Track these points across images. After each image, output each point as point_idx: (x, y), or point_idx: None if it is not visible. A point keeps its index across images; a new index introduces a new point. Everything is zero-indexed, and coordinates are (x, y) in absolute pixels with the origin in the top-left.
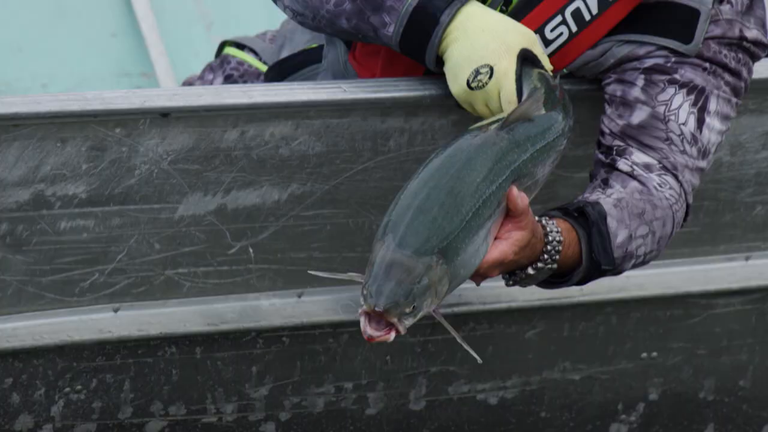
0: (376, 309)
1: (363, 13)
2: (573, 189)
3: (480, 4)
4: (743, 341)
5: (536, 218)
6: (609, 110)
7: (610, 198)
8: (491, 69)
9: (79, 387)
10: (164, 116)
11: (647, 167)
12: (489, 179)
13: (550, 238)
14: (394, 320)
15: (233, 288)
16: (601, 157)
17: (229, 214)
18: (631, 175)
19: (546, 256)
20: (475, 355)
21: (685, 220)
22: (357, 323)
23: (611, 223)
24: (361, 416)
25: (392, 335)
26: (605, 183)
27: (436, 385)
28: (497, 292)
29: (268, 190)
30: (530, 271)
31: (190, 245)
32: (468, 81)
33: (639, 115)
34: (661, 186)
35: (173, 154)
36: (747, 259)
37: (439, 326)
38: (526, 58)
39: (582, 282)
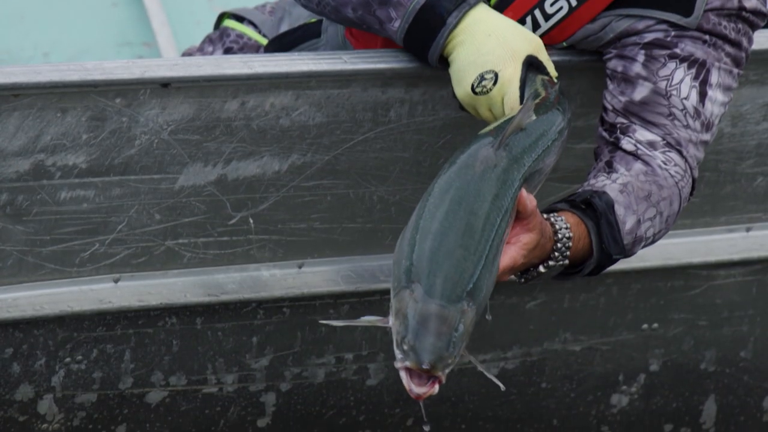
0: (423, 367)
1: (369, 6)
2: (575, 160)
3: (487, 7)
4: (744, 312)
5: (544, 215)
6: (611, 86)
7: (615, 183)
8: (496, 75)
9: (79, 357)
10: (164, 86)
11: (651, 145)
12: (498, 206)
13: (560, 236)
14: (439, 373)
15: (233, 258)
16: (605, 135)
17: (230, 184)
18: (635, 155)
19: (557, 254)
20: (499, 384)
21: (691, 194)
22: (357, 294)
23: (619, 210)
24: (362, 387)
25: (437, 387)
26: (609, 166)
27: None
28: None
29: (269, 161)
30: (542, 269)
31: (190, 216)
32: (473, 86)
33: (641, 92)
34: (665, 163)
35: (173, 125)
36: (748, 230)
37: None
38: (531, 64)
39: (595, 272)
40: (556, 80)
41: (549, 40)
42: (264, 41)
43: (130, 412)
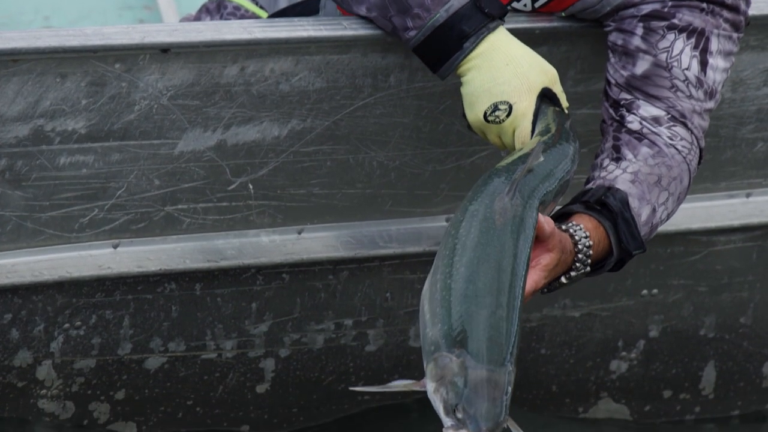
0: None
1: (386, 10)
2: (576, 126)
3: (506, 33)
4: (744, 278)
5: (562, 227)
6: (613, 59)
7: (626, 173)
8: (510, 107)
9: (78, 323)
10: (164, 52)
11: (656, 120)
12: (521, 257)
13: (580, 246)
14: None
15: (233, 224)
16: (611, 111)
17: (229, 150)
18: (641, 134)
19: (578, 264)
20: None
21: (699, 163)
22: (357, 259)
23: (633, 203)
24: (361, 353)
25: None
26: (617, 151)
27: None
28: None
29: (268, 126)
30: (564, 280)
31: (189, 181)
32: (485, 113)
33: (642, 65)
34: (672, 139)
35: (173, 90)
36: (748, 196)
37: None
38: (545, 96)
39: (616, 269)
40: (567, 111)
41: (548, 9)
42: (262, 13)
43: (129, 378)
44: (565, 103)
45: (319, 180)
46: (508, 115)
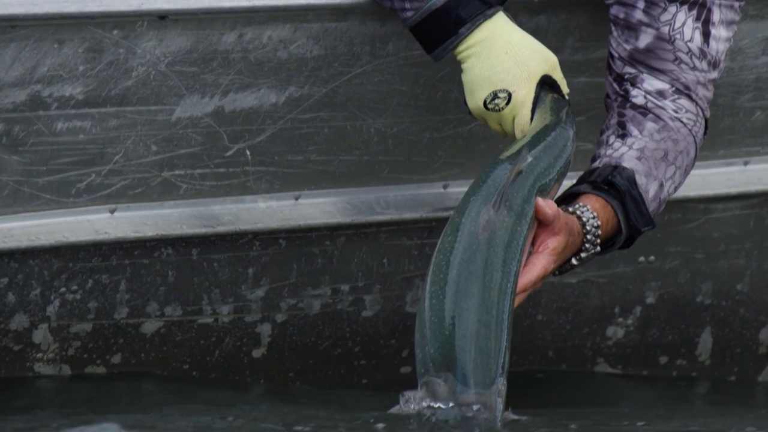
0: None
1: None
2: (573, 94)
3: (506, 19)
4: (741, 246)
5: (569, 209)
6: (615, 32)
7: (632, 150)
8: (510, 95)
9: (74, 287)
10: (162, 18)
11: (660, 94)
12: (508, 271)
13: (588, 227)
14: None
15: (230, 190)
16: (614, 85)
17: (227, 116)
18: (646, 109)
19: (588, 245)
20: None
21: (705, 134)
22: (354, 225)
23: (640, 180)
24: (358, 318)
25: None
26: (622, 127)
27: None
28: None
29: (266, 93)
30: (574, 262)
31: (186, 147)
32: (485, 101)
33: (644, 39)
34: (677, 112)
35: (171, 56)
36: (745, 164)
37: (436, 230)
38: (545, 83)
39: (626, 246)
40: (567, 97)
41: None
42: None
43: (125, 342)
44: (565, 90)
45: (316, 147)
46: (508, 103)
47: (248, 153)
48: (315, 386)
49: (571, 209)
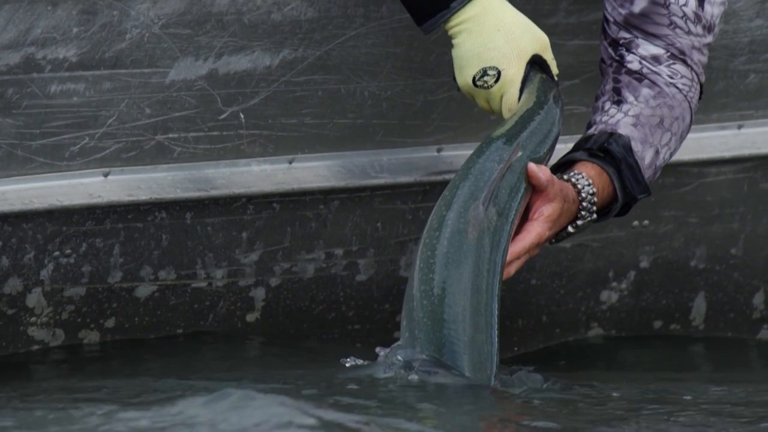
0: None
1: None
2: (566, 57)
3: None
4: (735, 210)
5: (564, 176)
6: None
7: (628, 116)
8: (499, 73)
9: (68, 251)
10: None
11: (655, 59)
12: (495, 270)
13: (584, 194)
14: None
15: (224, 153)
16: (609, 50)
17: (220, 79)
18: (641, 74)
19: (584, 213)
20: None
21: (700, 98)
22: (348, 189)
23: (636, 147)
24: (352, 282)
25: None
26: (618, 93)
27: None
28: None
29: (260, 56)
30: (571, 229)
31: (180, 110)
32: (474, 78)
33: (640, 3)
34: (672, 77)
35: (164, 18)
36: (739, 127)
37: (430, 194)
38: (535, 62)
39: (622, 213)
40: (557, 78)
41: None
42: None
43: (119, 306)
44: (555, 70)
45: (310, 110)
46: (497, 80)
47: (242, 116)
48: (308, 349)
49: (566, 177)
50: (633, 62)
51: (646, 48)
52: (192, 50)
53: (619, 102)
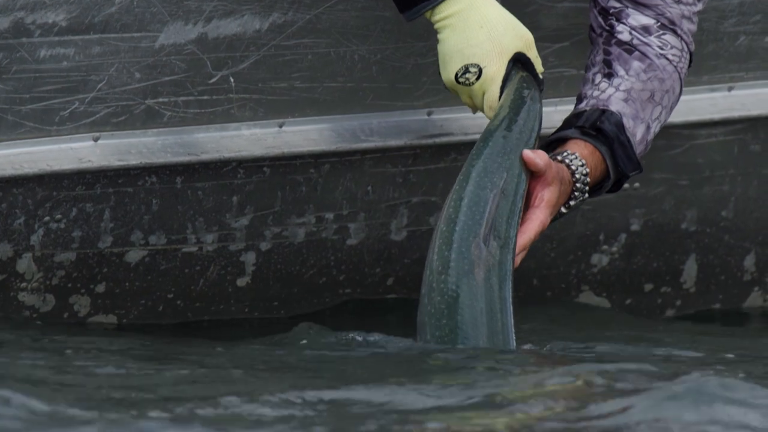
0: None
1: None
2: (556, 19)
3: None
4: (725, 172)
5: (558, 157)
6: None
7: (619, 91)
8: (480, 70)
9: (58, 216)
10: None
11: (645, 30)
12: (504, 309)
13: (578, 175)
14: None
15: (214, 118)
16: (599, 19)
17: (210, 43)
18: (631, 45)
19: (577, 193)
20: None
21: (689, 66)
22: (338, 153)
23: (628, 123)
24: (342, 246)
25: None
26: (608, 66)
27: (417, 215)
28: (478, 123)
29: (249, 19)
30: (564, 210)
31: (170, 74)
32: (456, 74)
33: None
34: (662, 48)
35: None
36: (730, 89)
37: (420, 157)
38: (518, 60)
39: (614, 190)
40: (541, 76)
41: None
42: None
43: (110, 271)
44: (539, 68)
45: (300, 74)
46: (478, 78)
47: (232, 80)
48: (299, 315)
49: (559, 158)
50: (623, 32)
51: (636, 18)
52: (181, 14)
53: (609, 75)
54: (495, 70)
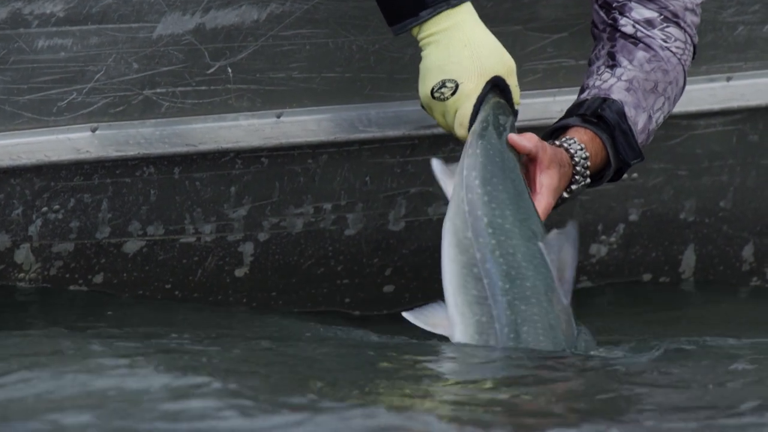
0: None
1: None
2: (554, 9)
3: (472, 13)
4: (724, 162)
5: (556, 142)
6: None
7: (621, 81)
8: (457, 86)
9: (56, 207)
10: None
11: (649, 23)
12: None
13: (577, 159)
14: None
15: (212, 108)
16: (602, 14)
17: (208, 33)
18: (635, 38)
19: (578, 177)
20: None
21: (693, 58)
22: (336, 143)
23: (629, 112)
24: (340, 237)
25: None
26: (612, 57)
27: (415, 206)
28: None
29: (247, 10)
30: (565, 195)
31: (168, 65)
32: (433, 89)
33: None
34: (666, 41)
35: None
36: (728, 79)
37: (418, 147)
38: (497, 86)
39: (615, 179)
40: (517, 107)
41: None
42: None
43: (108, 261)
44: (517, 98)
45: (298, 64)
46: (453, 93)
47: (230, 71)
48: (297, 306)
49: (558, 142)
50: (627, 26)
51: (639, 11)
52: (179, 4)
53: (613, 66)
54: (471, 87)
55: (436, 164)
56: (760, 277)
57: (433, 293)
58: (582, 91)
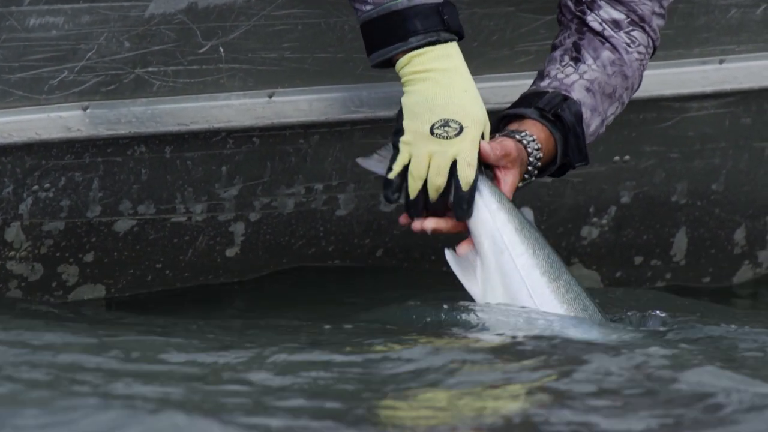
0: None
1: None
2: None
3: (459, 55)
4: (716, 145)
5: (516, 136)
6: None
7: (583, 79)
8: (461, 128)
9: (47, 185)
10: None
11: (616, 25)
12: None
13: (532, 159)
14: None
15: (203, 87)
16: (571, 5)
17: (200, 12)
18: (602, 36)
19: (527, 176)
20: None
21: (651, 57)
22: (328, 123)
23: (585, 113)
24: (332, 217)
25: None
26: (577, 50)
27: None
28: None
29: None
30: (519, 184)
31: (160, 44)
32: (433, 125)
33: None
34: (630, 45)
35: None
36: (721, 62)
37: None
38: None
39: (557, 175)
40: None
41: None
42: None
43: (98, 240)
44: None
45: (290, 44)
46: (458, 134)
47: (222, 50)
48: (288, 285)
49: (518, 137)
50: (594, 22)
51: (608, 12)
52: None
53: (577, 60)
54: (475, 135)
55: (450, 256)
56: (751, 261)
57: (424, 274)
58: (541, 77)
